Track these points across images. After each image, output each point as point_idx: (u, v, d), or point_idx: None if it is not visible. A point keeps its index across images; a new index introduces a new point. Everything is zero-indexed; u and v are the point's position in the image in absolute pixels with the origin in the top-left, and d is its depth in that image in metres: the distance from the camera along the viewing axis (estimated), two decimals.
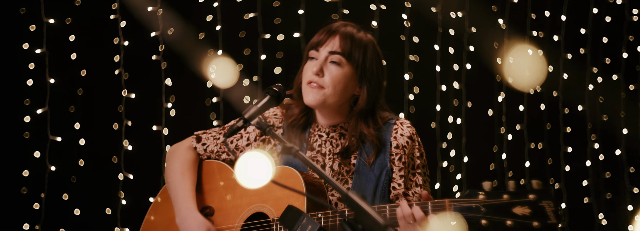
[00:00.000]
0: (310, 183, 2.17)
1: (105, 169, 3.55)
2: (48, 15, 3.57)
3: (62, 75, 3.58)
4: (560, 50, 4.00)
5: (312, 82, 2.24)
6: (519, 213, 1.79)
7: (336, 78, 2.23)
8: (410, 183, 2.29)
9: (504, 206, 1.81)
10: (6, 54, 3.58)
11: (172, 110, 3.59)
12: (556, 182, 3.99)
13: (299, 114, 2.34)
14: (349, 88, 2.27)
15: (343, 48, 2.24)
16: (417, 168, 2.31)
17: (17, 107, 3.54)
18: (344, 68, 2.25)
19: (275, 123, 2.39)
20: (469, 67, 3.81)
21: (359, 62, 2.25)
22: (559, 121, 3.98)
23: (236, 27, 3.61)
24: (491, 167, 3.88)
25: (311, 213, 2.09)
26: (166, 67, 3.58)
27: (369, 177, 2.27)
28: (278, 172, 2.22)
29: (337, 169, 2.29)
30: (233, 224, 2.26)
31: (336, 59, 2.24)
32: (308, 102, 2.25)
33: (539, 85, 3.78)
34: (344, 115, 2.32)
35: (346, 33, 2.26)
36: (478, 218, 1.83)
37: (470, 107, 3.83)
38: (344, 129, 2.33)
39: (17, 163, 3.54)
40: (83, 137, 3.57)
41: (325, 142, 2.33)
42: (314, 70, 2.24)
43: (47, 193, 3.52)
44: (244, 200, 2.27)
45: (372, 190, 2.26)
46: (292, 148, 1.79)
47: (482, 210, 1.83)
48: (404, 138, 2.29)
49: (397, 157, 2.28)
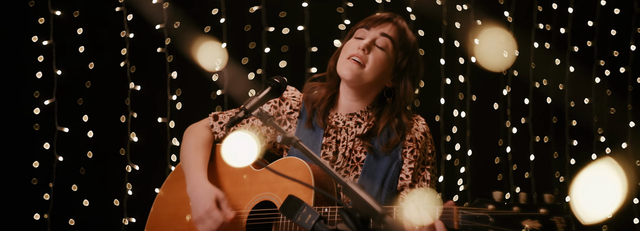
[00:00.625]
0: (319, 176, 2.16)
1: (112, 161, 3.58)
2: (55, 8, 3.58)
3: (69, 67, 3.60)
4: (567, 42, 3.96)
5: (355, 56, 2.24)
6: (528, 226, 1.74)
7: (379, 60, 2.24)
8: (418, 177, 2.30)
9: (513, 219, 1.76)
10: (16, 47, 3.60)
11: (178, 102, 3.60)
12: (561, 175, 3.97)
13: (327, 94, 2.34)
14: (385, 75, 2.28)
15: (396, 37, 2.26)
16: (427, 164, 2.33)
17: (27, 99, 3.57)
18: (389, 54, 2.26)
19: (293, 105, 2.38)
20: (474, 60, 3.79)
21: (405, 56, 2.28)
22: (564, 114, 3.95)
23: (241, 21, 3.61)
24: (496, 161, 3.87)
25: (318, 207, 2.08)
26: (172, 60, 3.59)
27: (380, 166, 2.28)
28: (287, 162, 2.23)
29: (348, 155, 2.31)
30: (241, 210, 2.27)
31: (384, 43, 2.25)
32: (344, 75, 2.25)
33: (507, 67, 3.74)
34: (367, 101, 2.33)
35: (402, 27, 2.29)
36: (485, 228, 1.79)
37: (475, 101, 3.81)
38: (360, 118, 2.34)
39: (27, 154, 3.58)
40: (91, 129, 3.60)
41: (342, 129, 2.34)
42: (361, 45, 2.24)
43: (55, 183, 3.55)
44: (254, 187, 2.28)
45: (381, 179, 2.27)
46: (293, 139, 1.80)
47: (490, 220, 1.79)
48: (419, 133, 2.32)
49: (409, 150, 2.29)
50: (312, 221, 1.71)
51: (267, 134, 2.40)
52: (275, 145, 2.43)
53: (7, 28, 3.58)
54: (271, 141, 2.41)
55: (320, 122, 2.33)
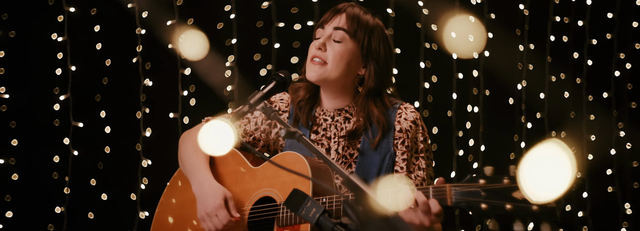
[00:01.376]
0: (316, 168, 2.18)
1: (128, 156, 3.63)
2: (70, 5, 3.63)
3: (84, 63, 3.65)
4: (585, 35, 3.87)
5: (315, 57, 2.26)
6: (518, 197, 1.77)
7: (338, 54, 2.24)
8: (413, 167, 2.28)
9: (503, 191, 1.79)
10: (35, 44, 3.67)
11: (191, 98, 3.62)
12: (578, 171, 3.89)
13: (306, 95, 2.36)
14: (351, 66, 2.27)
15: (348, 25, 2.25)
16: (420, 152, 2.30)
17: (47, 95, 3.63)
18: (348, 44, 2.26)
19: (281, 108, 2.41)
20: (487, 54, 3.72)
21: (363, 41, 2.26)
22: (582, 109, 3.86)
23: (252, 17, 3.61)
24: (511, 156, 3.81)
25: (316, 198, 2.10)
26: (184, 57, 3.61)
27: (373, 161, 2.27)
28: (284, 157, 2.24)
29: (341, 152, 2.30)
30: (242, 207, 2.29)
31: (339, 36, 2.26)
32: (310, 78, 2.27)
33: (477, 52, 3.65)
34: (349, 96, 2.33)
35: (353, 14, 2.27)
36: (478, 203, 1.81)
37: (488, 95, 3.75)
38: (348, 113, 2.33)
39: (47, 149, 3.65)
40: (107, 124, 3.65)
41: (330, 125, 2.34)
42: (317, 45, 2.26)
43: (72, 177, 3.62)
44: (253, 184, 2.30)
45: (375, 174, 2.26)
46: (296, 133, 1.81)
47: (482, 194, 1.81)
48: (408, 122, 2.29)
49: (400, 141, 2.27)
50: (316, 215, 1.72)
51: (263, 135, 2.41)
52: (268, 147, 2.44)
53: (27, 26, 3.65)
54: (265, 144, 2.43)
55: (304, 121, 2.34)
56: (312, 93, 2.37)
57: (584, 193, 3.89)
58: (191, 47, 3.46)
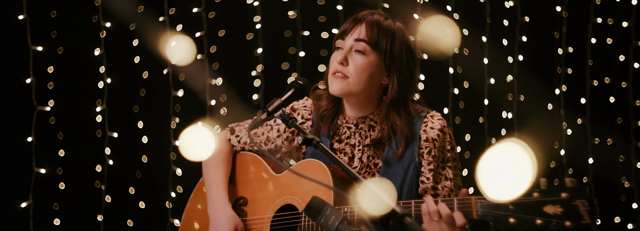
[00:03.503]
0: (338, 177, 2.14)
1: (160, 164, 3.69)
2: (105, 20, 3.75)
3: (122, 75, 3.75)
4: (631, 37, 3.64)
5: (337, 72, 2.20)
6: (550, 212, 1.68)
7: (361, 67, 2.17)
8: (440, 177, 2.20)
9: (534, 205, 1.70)
10: (80, 59, 3.80)
11: (221, 108, 3.65)
12: (627, 180, 3.64)
13: (328, 105, 2.31)
14: (374, 78, 2.20)
15: (369, 36, 2.18)
16: (448, 162, 2.21)
17: (90, 107, 3.75)
18: (369, 56, 2.18)
19: (304, 115, 2.37)
20: (521, 58, 3.56)
21: (386, 50, 2.18)
22: (629, 114, 3.63)
23: (280, 26, 3.61)
24: (552, 164, 3.61)
25: (338, 207, 2.06)
26: (218, 67, 3.65)
27: (397, 171, 2.20)
28: (306, 165, 2.21)
29: (365, 161, 2.24)
30: (265, 215, 2.28)
31: (361, 48, 2.18)
32: (333, 92, 2.21)
33: (455, 48, 3.43)
34: (372, 105, 2.26)
35: (373, 21, 2.20)
36: (506, 217, 1.73)
37: (522, 101, 3.58)
38: (373, 121, 2.27)
39: (88, 159, 3.76)
40: (143, 134, 3.73)
41: (354, 133, 2.28)
42: (338, 59, 2.19)
43: (107, 185, 3.71)
44: (275, 191, 2.28)
45: (399, 184, 2.19)
46: (313, 140, 1.80)
47: (510, 208, 1.72)
48: (435, 131, 2.20)
49: (426, 151, 2.19)
50: (335, 223, 1.70)
51: (285, 142, 2.38)
52: (291, 154, 2.40)
53: (74, 42, 3.79)
54: (288, 150, 2.39)
55: (325, 131, 2.28)
56: (335, 103, 2.31)
57: (634, 204, 3.63)
58: (179, 52, 3.49)
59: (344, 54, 2.19)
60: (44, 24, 3.68)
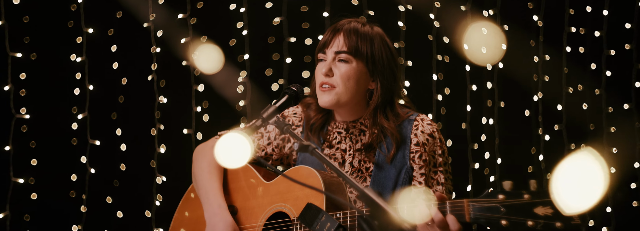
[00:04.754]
0: (329, 183, 2.12)
1: (142, 173, 3.61)
2: (88, 26, 3.67)
3: (101, 82, 3.68)
4: (603, 46, 3.76)
5: (324, 84, 2.21)
6: (540, 213, 1.69)
7: (345, 75, 2.19)
8: (432, 181, 2.20)
9: (524, 207, 1.71)
10: (55, 65, 3.72)
11: (204, 114, 3.61)
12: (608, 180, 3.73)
13: (317, 115, 2.31)
14: (361, 84, 2.21)
15: (348, 45, 2.19)
16: (439, 166, 2.22)
17: (65, 114, 3.66)
18: (353, 64, 2.20)
19: (295, 122, 2.36)
20: (501, 66, 3.64)
21: (367, 55, 2.20)
22: (602, 120, 3.74)
23: (264, 32, 3.60)
24: (529, 169, 3.69)
25: (330, 213, 2.04)
26: (199, 73, 3.61)
27: (388, 175, 2.20)
28: (296, 171, 2.19)
29: (356, 166, 2.24)
30: (255, 223, 2.24)
31: (343, 57, 2.20)
32: (323, 105, 2.22)
33: (497, 62, 3.53)
34: (362, 110, 2.27)
35: (350, 29, 2.21)
36: (498, 219, 1.74)
37: (503, 107, 3.66)
38: (363, 125, 2.27)
39: (65, 168, 3.66)
40: (123, 142, 3.65)
41: (345, 137, 2.28)
42: (323, 71, 2.20)
43: (89, 194, 3.61)
44: (266, 199, 2.25)
45: (391, 188, 2.19)
46: (309, 146, 1.78)
47: (501, 210, 1.73)
48: (425, 136, 2.21)
49: (417, 155, 2.20)
50: (331, 229, 1.69)
51: (276, 150, 2.37)
52: (281, 161, 2.38)
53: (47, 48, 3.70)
54: (278, 158, 2.38)
55: (316, 140, 2.28)
56: (324, 112, 2.31)
57: (608, 208, 3.73)
58: (206, 61, 3.46)
59: (328, 65, 2.20)
60: (21, 30, 3.59)
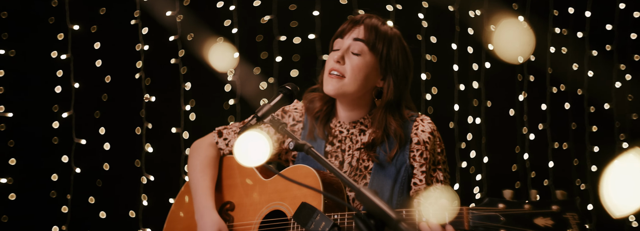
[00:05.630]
0: (327, 183, 2.10)
1: (129, 172, 3.55)
2: (73, 22, 3.59)
3: (87, 80, 3.60)
4: (585, 47, 3.82)
5: (333, 71, 2.17)
6: (541, 224, 1.67)
7: (357, 67, 2.16)
8: (431, 179, 2.20)
9: (524, 217, 1.68)
10: (37, 62, 3.62)
11: (191, 113, 3.56)
12: (583, 183, 3.80)
13: (322, 106, 2.27)
14: (370, 79, 2.19)
15: (367, 37, 2.17)
16: (438, 164, 2.21)
17: (47, 113, 3.58)
18: (366, 57, 2.17)
19: (296, 117, 2.33)
20: (488, 66, 3.67)
21: (382, 53, 2.17)
22: (584, 120, 3.80)
23: (253, 31, 3.57)
24: (513, 168, 3.73)
25: (328, 214, 2.02)
26: (186, 72, 3.56)
27: (388, 173, 2.18)
28: (295, 170, 2.16)
29: (355, 164, 2.22)
30: (252, 220, 2.21)
31: (358, 48, 2.17)
32: (327, 91, 2.18)
33: (526, 56, 3.58)
34: (364, 108, 2.25)
35: (371, 24, 2.19)
36: (497, 228, 1.71)
37: (490, 107, 3.69)
38: (363, 125, 2.25)
39: (47, 167, 3.58)
40: (108, 141, 3.58)
41: (346, 138, 2.25)
42: (335, 57, 2.17)
43: (73, 194, 3.54)
44: (263, 197, 2.22)
45: (390, 186, 2.17)
46: (304, 145, 1.76)
47: (501, 219, 1.70)
48: (426, 134, 2.20)
49: (418, 153, 2.18)
50: (325, 229, 1.67)
51: (275, 144, 2.34)
52: (280, 156, 2.36)
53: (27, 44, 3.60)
54: (277, 152, 2.35)
55: (320, 133, 2.25)
56: (328, 104, 2.28)
57: (589, 205, 3.80)
58: (221, 59, 3.42)
59: (342, 52, 2.17)
60: None
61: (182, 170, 3.51)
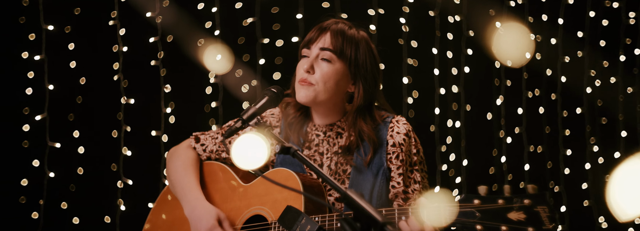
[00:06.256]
0: (308, 185, 2.08)
1: (104, 176, 3.45)
2: (47, 22, 3.48)
3: (62, 82, 3.49)
4: (558, 53, 3.91)
5: (303, 80, 2.17)
6: (514, 218, 1.71)
7: (326, 75, 2.15)
8: (409, 180, 2.20)
9: (499, 212, 1.72)
10: (5, 63, 3.49)
11: (171, 116, 3.49)
12: (556, 185, 3.88)
13: (296, 112, 2.26)
14: (340, 85, 2.18)
15: (334, 45, 2.17)
16: (415, 165, 2.22)
17: (16, 115, 3.45)
18: (335, 64, 2.17)
19: (273, 123, 2.32)
20: (468, 70, 3.72)
21: (351, 58, 2.17)
22: (557, 124, 3.88)
23: (235, 33, 3.52)
24: (491, 171, 3.77)
25: (311, 216, 1.98)
26: (165, 74, 3.49)
27: (366, 177, 2.18)
28: (275, 174, 2.14)
29: (334, 168, 2.21)
30: (233, 226, 2.17)
31: (327, 56, 2.17)
32: (299, 100, 2.18)
33: (528, 55, 3.66)
34: (339, 113, 2.24)
35: (337, 30, 2.19)
36: (473, 224, 1.75)
37: (469, 111, 3.73)
38: (340, 128, 2.24)
39: (16, 172, 3.44)
40: (82, 144, 3.47)
41: (323, 141, 2.24)
42: (305, 67, 2.17)
43: (46, 200, 3.41)
44: (243, 202, 2.19)
45: (369, 190, 2.17)
46: (291, 148, 1.75)
47: (477, 215, 1.74)
48: (401, 136, 2.20)
49: (394, 155, 2.19)
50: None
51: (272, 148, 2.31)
52: None
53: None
54: None
55: (295, 139, 2.24)
56: (302, 110, 2.27)
57: (562, 206, 3.87)
58: (215, 61, 3.35)
59: (310, 62, 2.16)
60: None
61: (162, 174, 3.43)
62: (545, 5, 3.87)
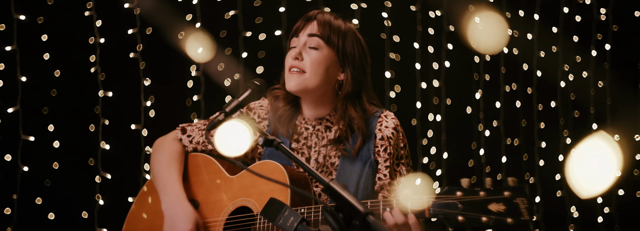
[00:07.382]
0: (294, 178, 2.07)
1: (81, 171, 3.33)
2: (18, 12, 3.32)
3: (35, 73, 3.35)
4: (534, 48, 3.94)
5: (293, 67, 2.16)
6: (494, 209, 1.75)
7: (316, 61, 2.15)
8: (395, 173, 2.22)
9: (480, 203, 1.76)
10: None
11: (151, 110, 3.38)
12: (531, 176, 3.92)
13: (286, 105, 2.25)
14: (330, 72, 2.18)
15: (321, 31, 2.17)
16: (402, 159, 2.24)
17: None
18: (323, 51, 2.17)
19: (261, 115, 2.29)
20: (448, 65, 3.71)
21: (338, 45, 2.18)
22: (533, 117, 3.92)
23: (216, 26, 3.43)
24: (470, 163, 3.79)
25: (295, 208, 2.00)
26: (145, 66, 3.38)
27: (353, 169, 2.18)
28: (262, 166, 2.13)
29: (321, 161, 2.20)
30: (218, 218, 2.15)
31: (314, 43, 2.17)
32: (289, 88, 2.16)
33: (502, 47, 3.69)
34: (329, 104, 2.23)
35: (324, 19, 2.19)
36: (455, 215, 1.78)
37: (449, 105, 3.74)
38: (329, 122, 2.23)
39: None
40: (57, 139, 3.34)
41: (312, 134, 2.23)
42: (293, 54, 2.16)
43: (20, 195, 3.28)
44: (229, 194, 2.16)
45: (355, 182, 2.17)
46: (274, 141, 1.74)
47: (459, 206, 1.78)
48: (389, 130, 2.21)
49: (382, 149, 2.19)
50: (294, 224, 1.65)
51: None
52: (247, 155, 2.29)
53: None
54: None
55: (284, 131, 2.22)
56: (292, 103, 2.25)
57: (537, 197, 3.92)
58: (197, 49, 3.24)
59: (299, 49, 2.17)
60: None
61: (142, 168, 3.33)
62: (521, 1, 3.89)
